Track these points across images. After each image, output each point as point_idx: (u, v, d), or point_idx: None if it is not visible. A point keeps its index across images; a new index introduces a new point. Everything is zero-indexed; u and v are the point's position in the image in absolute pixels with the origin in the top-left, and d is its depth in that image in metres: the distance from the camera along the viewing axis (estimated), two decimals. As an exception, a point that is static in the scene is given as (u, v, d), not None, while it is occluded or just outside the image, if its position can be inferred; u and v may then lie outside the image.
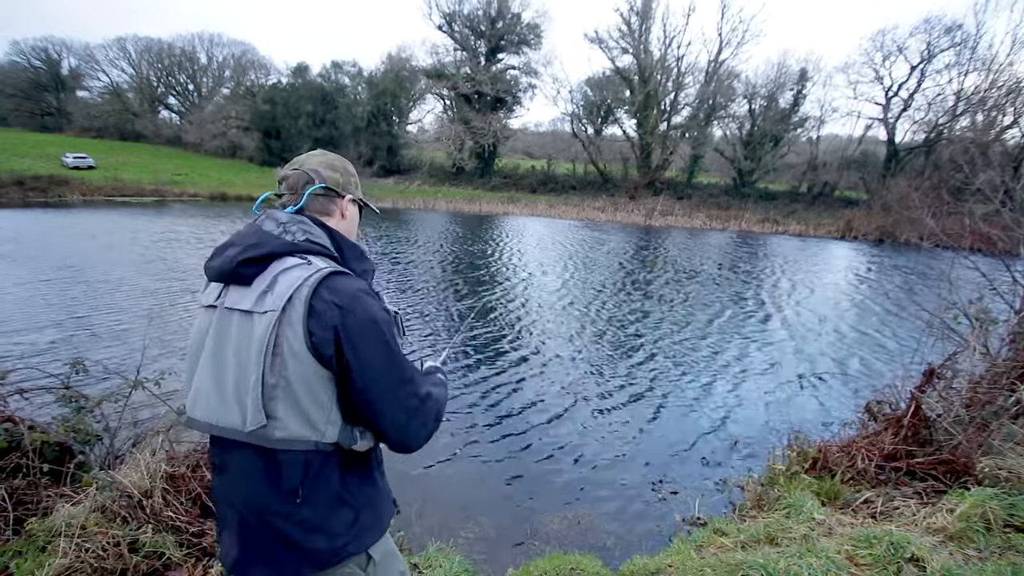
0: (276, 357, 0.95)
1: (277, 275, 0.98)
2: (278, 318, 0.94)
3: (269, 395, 0.95)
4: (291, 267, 0.99)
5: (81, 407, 3.08)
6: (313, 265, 1.00)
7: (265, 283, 0.98)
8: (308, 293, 0.95)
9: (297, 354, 0.95)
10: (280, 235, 1.05)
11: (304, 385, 0.96)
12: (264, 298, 0.97)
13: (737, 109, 36.35)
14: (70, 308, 8.53)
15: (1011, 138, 27.73)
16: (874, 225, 25.32)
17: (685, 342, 8.32)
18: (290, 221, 1.08)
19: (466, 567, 2.75)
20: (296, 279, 0.97)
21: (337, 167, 1.22)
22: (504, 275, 13.14)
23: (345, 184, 1.22)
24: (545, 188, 37.65)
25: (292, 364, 0.95)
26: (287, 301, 0.95)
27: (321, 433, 0.99)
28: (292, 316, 0.95)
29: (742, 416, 5.69)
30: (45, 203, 23.16)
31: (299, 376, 0.96)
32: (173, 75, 50.02)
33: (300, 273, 0.98)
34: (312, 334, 0.95)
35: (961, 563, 2.26)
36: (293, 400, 0.96)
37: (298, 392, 0.96)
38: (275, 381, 0.95)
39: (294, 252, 1.03)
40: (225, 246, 1.06)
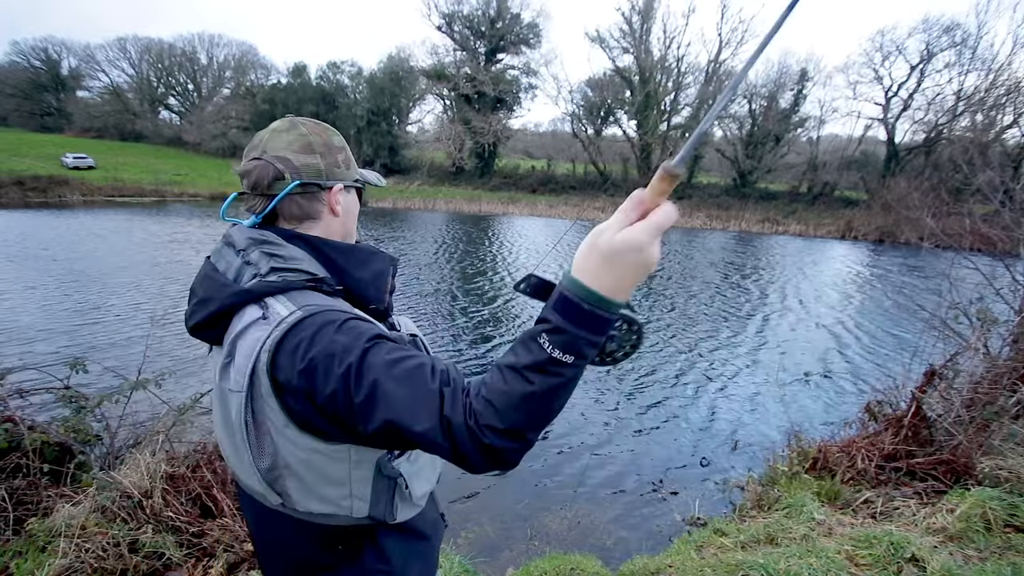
0: (263, 437, 0.77)
1: (235, 339, 0.78)
2: (247, 396, 0.75)
3: (270, 477, 0.80)
4: (248, 326, 0.77)
5: (81, 407, 3.08)
6: (271, 318, 0.76)
7: (225, 351, 0.79)
8: (267, 364, 0.73)
9: (285, 433, 0.76)
10: (235, 276, 0.82)
11: (305, 466, 0.78)
12: (227, 372, 0.78)
13: (737, 109, 36.36)
14: (77, 312, 8.53)
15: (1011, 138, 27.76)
16: (874, 225, 25.31)
17: (685, 342, 8.32)
18: (250, 246, 0.83)
19: (466, 567, 2.75)
20: (254, 344, 0.75)
21: (314, 146, 0.88)
22: (505, 276, 13.14)
23: (330, 168, 0.89)
24: (545, 188, 37.63)
25: (282, 444, 0.76)
26: (250, 376, 0.74)
27: (348, 509, 0.83)
28: (262, 391, 0.74)
29: (742, 416, 5.69)
30: (45, 203, 23.16)
31: (295, 457, 0.77)
32: (173, 75, 50.02)
33: (258, 335, 0.75)
34: (293, 412, 0.74)
35: (961, 563, 2.26)
36: (298, 481, 0.79)
37: (300, 473, 0.78)
38: (269, 464, 0.78)
39: (249, 301, 0.79)
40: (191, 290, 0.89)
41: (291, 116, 0.92)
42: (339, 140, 0.94)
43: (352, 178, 0.95)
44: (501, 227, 23.79)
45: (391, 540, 0.90)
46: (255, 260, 0.81)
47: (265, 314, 0.77)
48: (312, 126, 0.91)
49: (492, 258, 15.61)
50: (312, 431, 0.75)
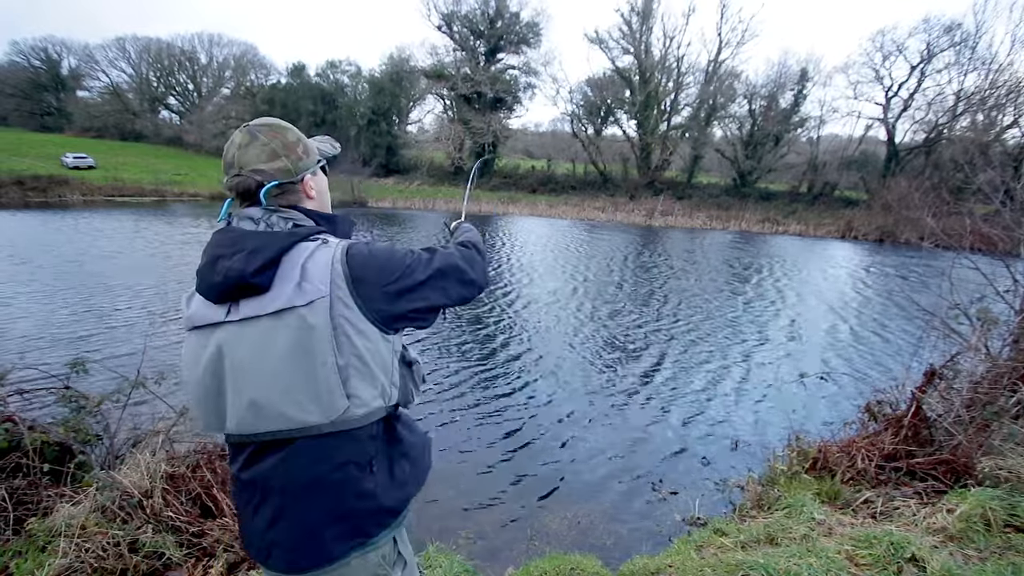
0: (340, 337, 0.95)
1: (303, 264, 0.95)
2: (329, 301, 0.94)
3: (344, 376, 0.96)
4: (312, 252, 0.97)
5: (81, 407, 3.08)
6: (329, 242, 1.00)
7: (294, 276, 0.94)
8: (344, 269, 0.96)
9: (361, 330, 0.97)
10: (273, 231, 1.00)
11: (372, 355, 0.99)
12: (302, 289, 0.94)
13: (737, 109, 36.38)
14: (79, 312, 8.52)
15: (1011, 138, 27.76)
16: (874, 225, 25.31)
17: (685, 342, 8.32)
18: (266, 215, 1.03)
19: (466, 567, 2.75)
20: (326, 260, 0.96)
21: (278, 150, 1.05)
22: (504, 275, 13.14)
23: (296, 164, 1.08)
24: (545, 188, 37.63)
25: (358, 340, 0.96)
26: (331, 283, 0.94)
27: (389, 396, 1.04)
28: (340, 295, 0.95)
29: (742, 416, 5.69)
30: (45, 203, 23.17)
31: (367, 349, 0.98)
32: (173, 75, 50.03)
33: (325, 254, 0.97)
34: (365, 304, 0.97)
35: (961, 563, 2.25)
36: (366, 373, 0.98)
37: (370, 364, 0.99)
38: (345, 361, 0.96)
39: (300, 240, 0.99)
40: (214, 260, 0.98)
41: (246, 125, 1.07)
42: (292, 135, 1.10)
43: (315, 162, 1.14)
44: (501, 227, 23.80)
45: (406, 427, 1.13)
46: (275, 223, 1.02)
47: (326, 240, 1.01)
48: (268, 132, 1.06)
49: (492, 258, 15.60)
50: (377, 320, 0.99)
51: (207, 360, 0.99)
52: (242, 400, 0.97)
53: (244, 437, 1.00)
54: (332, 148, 1.23)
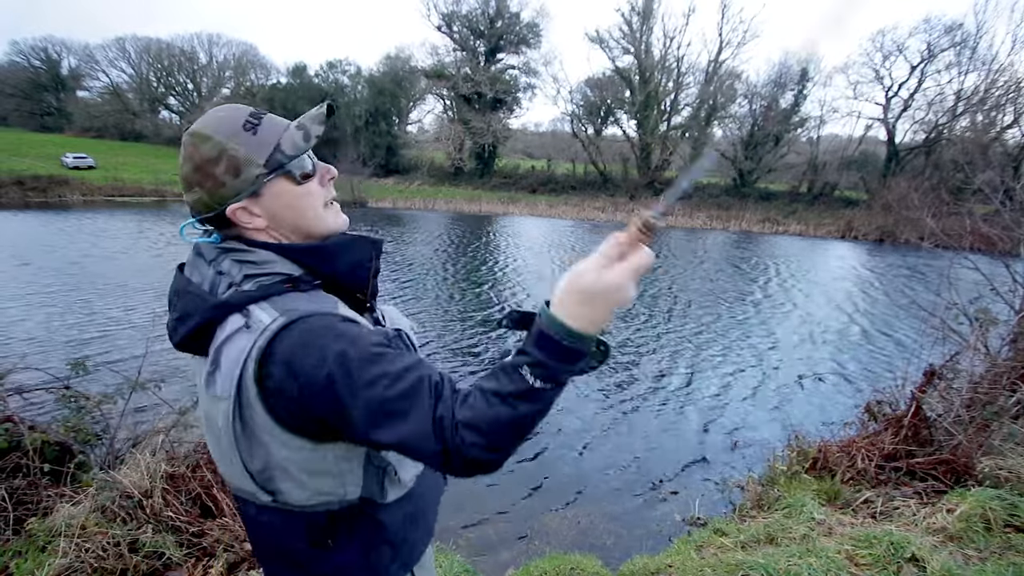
0: (252, 441, 0.77)
1: (220, 347, 0.76)
2: (235, 403, 0.75)
3: (262, 478, 0.80)
4: (231, 335, 0.76)
5: (81, 407, 3.09)
6: (253, 327, 0.74)
7: (210, 360, 0.78)
8: (254, 371, 0.72)
9: (276, 436, 0.76)
10: (211, 287, 0.81)
11: (297, 465, 0.78)
12: (213, 379, 0.77)
13: (737, 109, 36.37)
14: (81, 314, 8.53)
15: (1011, 138, 27.76)
16: (874, 225, 25.29)
17: (685, 342, 8.32)
18: (219, 255, 0.82)
19: (466, 567, 2.76)
20: (239, 353, 0.74)
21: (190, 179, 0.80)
22: (504, 276, 13.14)
23: (214, 191, 0.79)
24: (545, 188, 37.61)
25: (273, 446, 0.77)
26: (238, 384, 0.74)
27: (340, 495, 0.83)
28: (249, 398, 0.74)
29: (742, 416, 5.70)
30: (45, 203, 23.17)
31: (286, 458, 0.78)
32: (173, 75, 50.04)
33: (242, 344, 0.74)
34: (283, 417, 0.74)
35: (961, 563, 2.26)
36: (291, 479, 0.80)
37: (292, 472, 0.79)
38: (260, 466, 0.78)
39: (231, 311, 0.77)
40: (169, 303, 0.86)
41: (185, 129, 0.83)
42: (212, 147, 0.78)
43: (248, 182, 0.79)
44: (501, 227, 23.80)
45: (384, 512, 0.89)
46: (227, 269, 0.80)
47: (248, 323, 0.75)
48: (187, 148, 0.80)
49: (493, 258, 15.61)
50: (303, 434, 0.76)
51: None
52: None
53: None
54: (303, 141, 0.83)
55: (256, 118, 0.81)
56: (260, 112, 0.83)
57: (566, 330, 0.65)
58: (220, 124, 0.80)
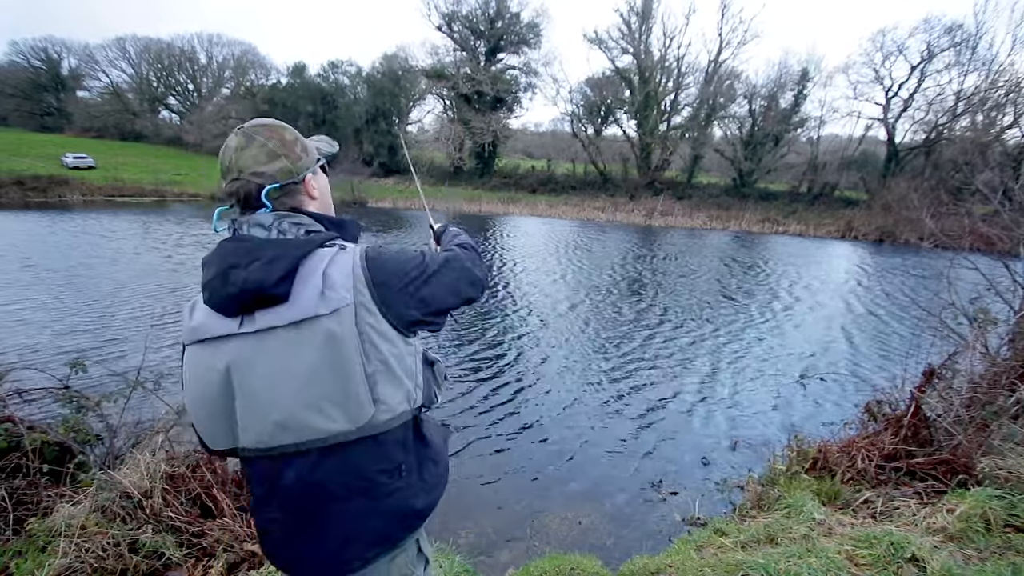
0: (367, 345, 0.94)
1: (324, 271, 0.93)
2: (354, 309, 0.92)
3: (372, 383, 0.95)
4: (332, 258, 0.95)
5: (81, 407, 3.08)
6: (347, 248, 0.98)
7: (316, 284, 0.92)
8: (366, 274, 0.95)
9: (385, 335, 0.96)
10: (287, 237, 0.98)
11: (397, 360, 0.98)
12: (326, 297, 0.91)
13: (737, 109, 36.35)
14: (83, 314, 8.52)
15: (1011, 138, 27.73)
16: (874, 225, 25.29)
17: (684, 342, 8.32)
18: (276, 221, 0.99)
19: (466, 567, 2.76)
20: (347, 266, 0.94)
21: (277, 151, 1.01)
22: (504, 276, 13.14)
23: (296, 163, 1.04)
24: (545, 188, 37.61)
25: (383, 345, 0.96)
26: (355, 289, 0.93)
27: (415, 399, 1.04)
28: (364, 301, 0.93)
29: (742, 416, 5.70)
30: (45, 203, 23.16)
31: (392, 354, 0.97)
32: (173, 75, 50.01)
33: (345, 260, 0.95)
34: (387, 312, 0.96)
35: (961, 563, 2.26)
36: (391, 378, 0.97)
37: (395, 369, 0.98)
38: (373, 368, 0.95)
39: (317, 246, 0.97)
40: (226, 271, 0.94)
41: (241, 127, 1.03)
42: (290, 134, 1.06)
43: (314, 161, 1.10)
44: (502, 228, 23.79)
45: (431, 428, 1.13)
46: (287, 229, 0.99)
47: (343, 246, 0.99)
48: (265, 132, 1.02)
49: (492, 259, 15.60)
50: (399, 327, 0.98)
51: (218, 375, 0.95)
52: (259, 414, 0.94)
53: (262, 451, 0.97)
54: (330, 147, 1.20)
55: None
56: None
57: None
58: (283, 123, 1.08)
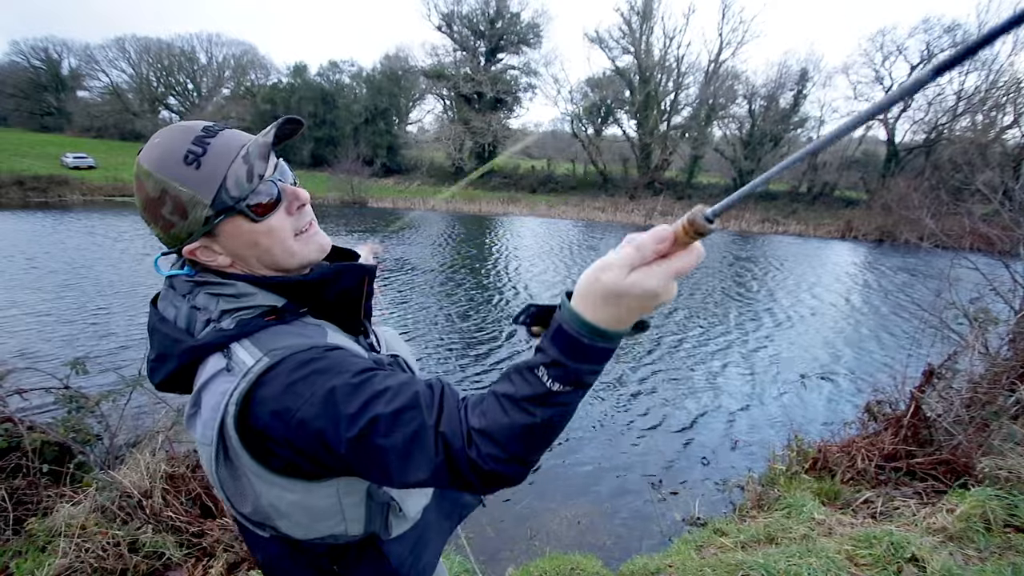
0: (241, 484, 0.73)
1: (199, 391, 0.72)
2: (217, 449, 0.70)
3: (256, 518, 0.76)
4: (212, 377, 0.70)
5: (81, 407, 3.08)
6: (235, 369, 0.69)
7: (191, 402, 0.73)
8: (234, 418, 0.67)
9: (265, 479, 0.72)
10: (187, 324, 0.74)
11: (292, 506, 0.74)
12: (194, 423, 0.73)
13: (737, 109, 36.37)
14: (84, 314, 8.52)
15: (1011, 138, 27.73)
16: (874, 225, 25.31)
17: (685, 343, 8.32)
18: (193, 289, 0.76)
19: (466, 567, 2.75)
20: (220, 398, 0.68)
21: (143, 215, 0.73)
22: (504, 276, 13.13)
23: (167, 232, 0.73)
24: (545, 188, 37.62)
25: (263, 489, 0.72)
26: (219, 431, 0.68)
27: (343, 531, 0.80)
28: (233, 443, 0.69)
29: (742, 416, 5.69)
30: (45, 203, 23.16)
31: (279, 499, 0.73)
32: (173, 75, 50.04)
33: (224, 387, 0.68)
34: (271, 459, 0.70)
35: (961, 563, 2.25)
36: (287, 519, 0.76)
37: (288, 513, 0.75)
38: (251, 509, 0.75)
39: (210, 351, 0.72)
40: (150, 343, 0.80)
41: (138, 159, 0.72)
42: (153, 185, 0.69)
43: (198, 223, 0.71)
44: (501, 227, 23.79)
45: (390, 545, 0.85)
46: (203, 304, 0.74)
47: (229, 365, 0.69)
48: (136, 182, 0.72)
49: (492, 258, 15.60)
50: (296, 475, 0.72)
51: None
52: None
53: None
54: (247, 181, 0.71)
55: (201, 145, 0.69)
56: (211, 132, 0.71)
57: (588, 326, 0.55)
58: (161, 157, 0.70)
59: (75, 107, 48.04)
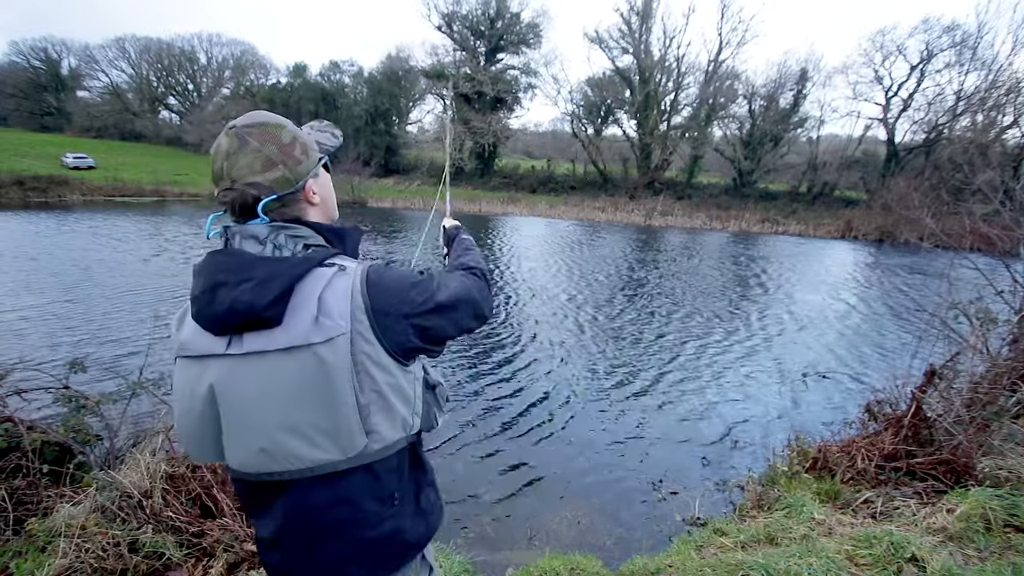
0: (362, 375, 0.88)
1: (321, 294, 0.86)
2: (350, 338, 0.86)
3: (364, 415, 0.90)
4: (330, 281, 0.88)
5: (81, 407, 3.08)
6: (347, 268, 0.90)
7: (311, 309, 0.85)
8: (365, 301, 0.87)
9: (381, 364, 0.90)
10: (282, 255, 0.90)
11: (394, 389, 0.93)
12: (320, 324, 0.85)
13: (737, 109, 36.37)
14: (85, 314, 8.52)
15: (1011, 138, 27.72)
16: (874, 225, 25.30)
17: (685, 343, 8.32)
18: (272, 233, 0.91)
19: (466, 567, 2.76)
20: (345, 290, 0.87)
21: (274, 159, 0.91)
22: (504, 277, 13.14)
23: (295, 169, 0.93)
24: (545, 188, 37.62)
25: (379, 375, 0.90)
26: (351, 317, 0.86)
27: (412, 426, 0.99)
28: (361, 329, 0.87)
29: (742, 416, 5.69)
30: (45, 203, 23.15)
31: (388, 384, 0.91)
32: (173, 75, 50.06)
33: (344, 284, 0.88)
34: (385, 340, 0.89)
35: (961, 563, 2.25)
36: (386, 408, 0.92)
37: (390, 399, 0.92)
38: (367, 400, 0.89)
39: (314, 266, 0.89)
40: (214, 287, 0.86)
41: (233, 126, 0.91)
42: (287, 134, 0.94)
43: (316, 162, 0.99)
44: (502, 228, 23.79)
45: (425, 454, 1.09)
46: (283, 243, 0.91)
47: (342, 266, 0.91)
48: (260, 135, 0.91)
49: (492, 258, 15.60)
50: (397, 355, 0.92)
51: (202, 394, 0.91)
52: (244, 440, 0.90)
53: (250, 476, 0.94)
54: (333, 139, 1.07)
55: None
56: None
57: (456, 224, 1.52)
58: (282, 119, 0.96)
59: (75, 107, 48.07)
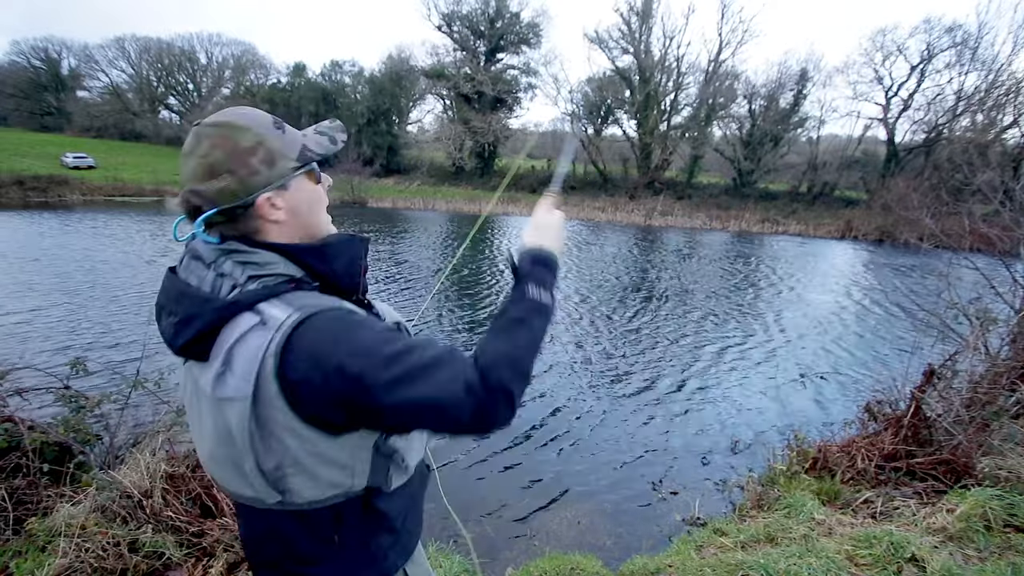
0: (268, 439, 0.76)
1: (232, 347, 0.74)
2: (252, 401, 0.73)
3: (274, 477, 0.79)
4: (245, 333, 0.74)
5: (81, 407, 3.08)
6: (269, 323, 0.74)
7: (219, 360, 0.75)
8: (275, 366, 0.72)
9: (296, 433, 0.75)
10: (214, 289, 0.78)
11: (314, 458, 0.78)
12: (224, 381, 0.75)
13: (737, 109, 36.36)
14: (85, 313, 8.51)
15: (1011, 138, 27.71)
16: (874, 225, 25.30)
17: (684, 343, 8.32)
18: (219, 257, 0.80)
19: (466, 567, 2.76)
20: (256, 350, 0.73)
21: (217, 166, 0.78)
22: (503, 277, 13.13)
23: (247, 179, 0.79)
24: (545, 188, 37.53)
25: (291, 442, 0.76)
26: (255, 383, 0.72)
27: (349, 486, 0.84)
28: (269, 396, 0.73)
29: (742, 416, 5.70)
30: (45, 203, 23.14)
31: (303, 452, 0.77)
32: (173, 75, 50.06)
33: (259, 341, 0.73)
34: (305, 412, 0.74)
35: (961, 563, 2.26)
36: (305, 473, 0.79)
37: (307, 466, 0.78)
38: (275, 464, 0.77)
39: (240, 310, 0.76)
40: (160, 308, 0.83)
41: (198, 123, 0.82)
42: (251, 136, 0.80)
43: (286, 173, 0.82)
44: (501, 227, 23.78)
45: (385, 501, 0.91)
46: (229, 271, 0.79)
47: (263, 319, 0.74)
48: (214, 137, 0.79)
49: (492, 259, 15.60)
50: (323, 426, 0.77)
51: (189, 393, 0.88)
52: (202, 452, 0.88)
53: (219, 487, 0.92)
54: (329, 144, 0.90)
55: (279, 122, 0.86)
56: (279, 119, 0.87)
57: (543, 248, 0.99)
58: (255, 119, 0.83)
59: (75, 107, 48.07)
